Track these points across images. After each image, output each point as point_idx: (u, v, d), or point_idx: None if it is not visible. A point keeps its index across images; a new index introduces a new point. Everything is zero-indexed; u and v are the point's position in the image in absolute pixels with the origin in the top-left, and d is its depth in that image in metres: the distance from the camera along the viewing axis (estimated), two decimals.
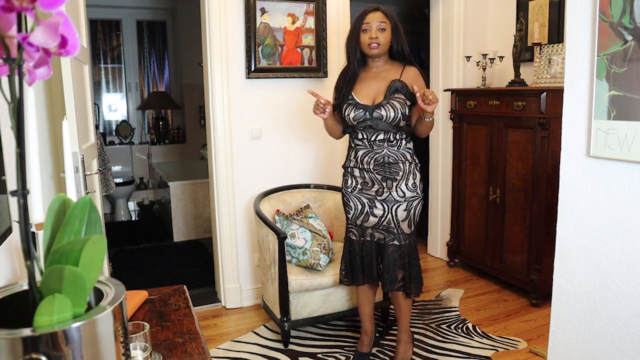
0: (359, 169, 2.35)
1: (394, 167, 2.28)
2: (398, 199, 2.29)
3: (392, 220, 2.31)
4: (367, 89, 2.31)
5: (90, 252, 0.65)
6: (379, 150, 2.28)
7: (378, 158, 2.29)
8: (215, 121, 3.13)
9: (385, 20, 2.25)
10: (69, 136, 1.09)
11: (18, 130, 0.59)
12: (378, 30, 2.24)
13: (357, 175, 2.36)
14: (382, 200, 2.31)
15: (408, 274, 2.35)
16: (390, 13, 2.29)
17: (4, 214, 1.14)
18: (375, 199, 2.32)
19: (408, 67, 2.32)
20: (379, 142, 2.27)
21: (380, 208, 2.31)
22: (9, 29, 0.57)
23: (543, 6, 3.48)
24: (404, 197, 2.29)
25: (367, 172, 2.32)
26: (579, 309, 1.89)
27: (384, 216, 2.31)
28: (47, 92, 2.27)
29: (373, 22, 2.24)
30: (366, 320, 2.57)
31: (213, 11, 3.01)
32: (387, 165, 2.28)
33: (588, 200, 1.80)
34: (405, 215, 2.30)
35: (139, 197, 6.16)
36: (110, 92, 6.34)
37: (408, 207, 2.30)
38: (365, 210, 2.35)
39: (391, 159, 2.28)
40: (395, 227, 2.31)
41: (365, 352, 2.58)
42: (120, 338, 0.71)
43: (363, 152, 2.31)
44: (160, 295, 1.40)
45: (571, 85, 1.81)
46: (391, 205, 2.30)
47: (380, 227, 2.34)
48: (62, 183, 2.04)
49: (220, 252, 3.27)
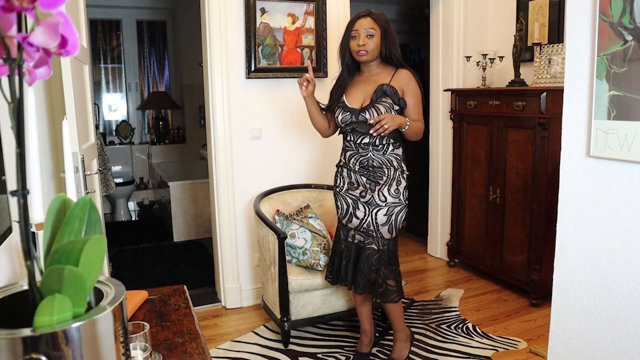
0: (347, 169, 2.38)
1: (378, 172, 2.29)
2: (379, 203, 2.30)
3: (371, 223, 2.31)
4: (357, 92, 2.33)
5: (90, 252, 0.65)
6: (364, 154, 2.30)
7: (363, 161, 2.31)
8: (215, 121, 3.13)
9: (374, 26, 2.24)
10: (69, 136, 1.09)
11: (18, 130, 0.59)
12: (366, 36, 2.23)
13: (345, 175, 2.39)
14: (364, 203, 2.32)
15: (379, 279, 2.33)
16: (380, 18, 2.27)
17: (4, 214, 1.14)
18: (358, 200, 2.34)
19: (400, 70, 2.30)
20: (364, 145, 2.29)
21: (362, 210, 2.33)
22: (9, 29, 0.57)
23: (543, 6, 3.47)
24: (385, 201, 2.29)
25: (353, 173, 2.35)
26: (579, 309, 1.89)
27: (364, 219, 2.33)
28: (47, 92, 2.27)
29: (361, 28, 2.24)
30: (364, 321, 2.57)
31: (213, 11, 3.01)
32: (372, 169, 2.30)
33: (588, 200, 1.80)
34: (385, 220, 2.30)
35: (139, 197, 6.16)
36: (110, 92, 6.34)
37: (389, 212, 2.30)
38: (349, 210, 2.37)
39: (375, 163, 2.29)
40: (375, 230, 2.32)
41: (365, 352, 2.58)
42: (120, 338, 0.71)
43: (350, 153, 2.35)
44: (160, 295, 1.40)
45: (571, 85, 1.81)
46: (372, 209, 2.30)
47: (361, 230, 2.35)
48: (62, 183, 2.04)
49: (220, 252, 3.27)
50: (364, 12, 2.28)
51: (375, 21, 2.25)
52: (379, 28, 2.25)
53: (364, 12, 2.28)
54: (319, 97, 3.36)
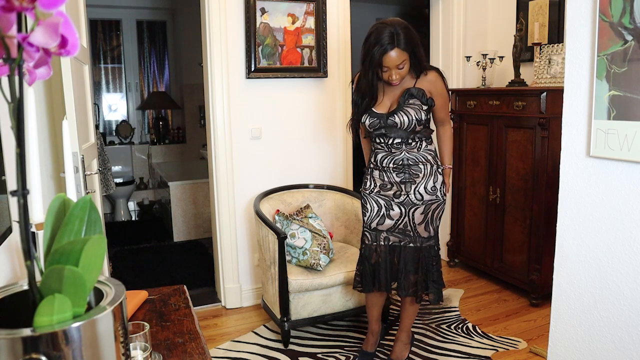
0: (378, 170, 2.34)
1: (414, 169, 2.27)
2: (416, 202, 2.28)
3: (408, 223, 2.29)
4: (384, 97, 2.28)
5: (90, 252, 0.65)
6: (397, 153, 2.27)
7: (397, 160, 2.28)
8: (215, 121, 3.13)
9: (404, 58, 2.10)
10: (69, 136, 1.09)
11: (18, 130, 0.59)
12: (397, 68, 2.12)
13: (377, 176, 2.35)
14: (399, 203, 2.29)
15: (423, 279, 2.32)
16: (407, 40, 2.08)
17: (4, 214, 1.14)
18: (392, 200, 2.30)
19: (427, 72, 2.23)
20: (396, 145, 2.27)
21: (396, 211, 2.30)
22: (9, 29, 0.57)
23: (543, 6, 3.48)
24: (421, 199, 2.28)
25: (386, 173, 2.31)
26: (579, 309, 1.89)
27: (400, 219, 2.30)
28: (47, 92, 2.27)
29: (392, 64, 2.11)
30: (373, 322, 2.57)
31: (213, 11, 3.01)
32: (407, 167, 2.27)
33: (588, 200, 1.80)
34: (422, 218, 2.29)
35: (139, 197, 6.16)
36: (110, 92, 6.34)
37: (425, 210, 2.28)
38: (382, 212, 2.33)
39: (411, 161, 2.27)
40: (412, 230, 2.30)
41: (370, 351, 2.59)
42: (120, 338, 0.71)
43: (382, 155, 2.31)
44: (160, 295, 1.40)
45: (571, 85, 1.81)
46: (408, 208, 2.28)
47: (396, 230, 2.32)
48: (62, 183, 2.04)
49: (220, 252, 3.27)
50: (387, 41, 2.06)
51: (404, 50, 2.09)
52: (408, 54, 2.11)
53: (387, 41, 2.06)
54: (319, 97, 3.38)
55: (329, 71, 3.31)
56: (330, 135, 3.46)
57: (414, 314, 2.49)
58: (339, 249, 3.01)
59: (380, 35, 2.08)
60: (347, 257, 2.87)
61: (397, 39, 2.07)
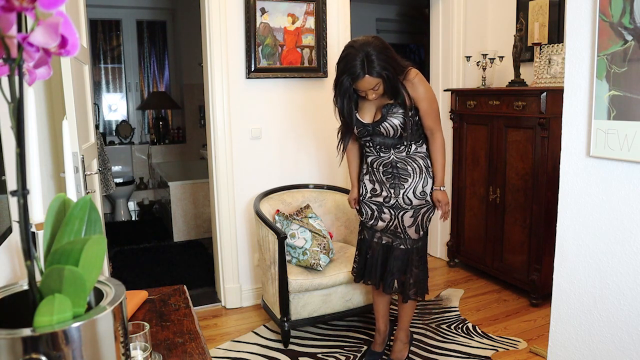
0: (369, 175, 2.37)
1: (402, 172, 2.28)
2: (405, 207, 2.29)
3: (398, 225, 2.32)
4: (368, 106, 2.26)
5: (90, 252, 0.65)
6: (385, 157, 2.28)
7: (385, 162, 2.29)
8: (215, 121, 3.13)
9: (376, 82, 2.06)
10: (69, 136, 1.09)
11: (18, 130, 0.59)
12: (372, 90, 2.10)
13: (367, 182, 2.38)
14: (389, 207, 2.32)
15: (410, 278, 2.36)
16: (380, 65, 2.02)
17: (4, 214, 1.14)
18: (382, 205, 2.34)
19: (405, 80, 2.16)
20: (384, 149, 2.27)
21: (387, 214, 2.33)
22: (9, 29, 0.57)
23: (543, 6, 3.48)
24: (410, 204, 2.29)
25: (376, 176, 2.33)
26: (579, 309, 1.89)
27: (391, 221, 2.34)
28: (47, 92, 2.27)
29: (365, 88, 2.09)
30: (380, 319, 2.58)
31: (213, 11, 3.01)
32: (395, 169, 2.28)
33: (588, 200, 1.80)
34: (411, 221, 2.31)
35: (139, 197, 6.16)
36: (110, 92, 6.34)
37: (415, 214, 2.30)
38: (375, 215, 2.38)
39: (399, 164, 2.27)
40: (402, 232, 2.33)
41: (377, 351, 2.60)
42: (120, 338, 0.71)
43: (372, 158, 2.33)
44: (160, 295, 1.40)
45: (571, 85, 1.81)
46: (397, 212, 2.31)
47: (388, 231, 2.37)
48: (62, 183, 2.04)
49: (220, 252, 3.27)
50: (358, 69, 2.02)
51: (376, 77, 2.04)
52: (380, 77, 2.06)
53: (358, 69, 2.02)
54: (319, 97, 3.38)
55: (329, 71, 3.31)
56: (331, 135, 3.45)
57: (410, 311, 2.50)
58: (339, 249, 3.01)
59: (350, 63, 2.04)
60: (347, 257, 2.87)
61: (368, 66, 2.02)
